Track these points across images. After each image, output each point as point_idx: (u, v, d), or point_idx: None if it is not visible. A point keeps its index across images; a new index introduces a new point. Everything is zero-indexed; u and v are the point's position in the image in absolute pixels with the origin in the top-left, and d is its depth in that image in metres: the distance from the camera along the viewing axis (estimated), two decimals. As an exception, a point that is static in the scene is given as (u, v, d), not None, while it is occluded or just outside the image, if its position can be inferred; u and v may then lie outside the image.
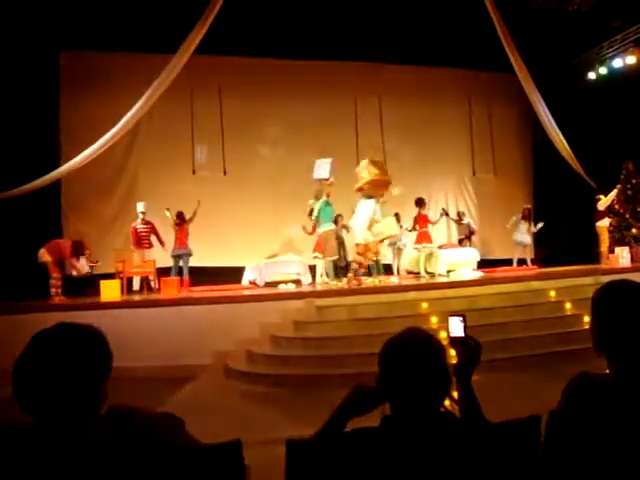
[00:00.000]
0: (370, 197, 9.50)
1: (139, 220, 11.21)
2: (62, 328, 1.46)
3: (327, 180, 10.14)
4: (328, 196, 10.36)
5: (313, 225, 10.81)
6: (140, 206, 11.20)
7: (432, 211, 14.00)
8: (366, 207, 9.50)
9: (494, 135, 14.84)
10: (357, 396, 1.66)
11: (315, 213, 10.49)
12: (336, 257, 10.58)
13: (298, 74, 12.91)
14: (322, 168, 10.18)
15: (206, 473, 1.61)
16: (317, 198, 10.48)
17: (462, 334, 1.88)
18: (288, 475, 1.68)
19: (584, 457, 1.53)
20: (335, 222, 10.85)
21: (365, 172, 9.45)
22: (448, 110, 14.43)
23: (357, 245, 9.61)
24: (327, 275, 10.67)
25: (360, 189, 9.51)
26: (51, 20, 10.23)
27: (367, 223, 9.43)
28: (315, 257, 10.90)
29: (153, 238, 11.31)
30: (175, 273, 10.94)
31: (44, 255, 9.60)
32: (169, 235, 11.31)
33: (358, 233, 9.57)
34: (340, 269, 10.83)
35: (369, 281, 10.12)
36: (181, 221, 11.04)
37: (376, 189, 9.54)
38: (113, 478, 1.34)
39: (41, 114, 10.95)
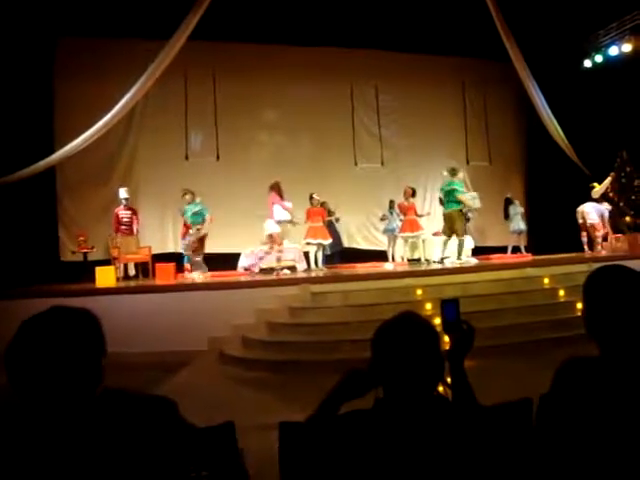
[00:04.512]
0: None
1: (122, 206, 11.16)
2: (55, 311, 1.46)
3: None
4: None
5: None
6: (122, 192, 11.15)
7: (427, 199, 14.07)
8: None
9: (489, 123, 14.83)
10: (350, 380, 1.67)
11: None
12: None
13: (294, 60, 12.82)
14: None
15: (200, 455, 1.63)
16: None
17: (455, 319, 1.89)
18: (281, 457, 1.70)
19: (574, 439, 1.55)
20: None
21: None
22: (444, 97, 14.40)
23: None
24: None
25: None
26: (47, 7, 10.13)
27: None
28: (308, 243, 10.99)
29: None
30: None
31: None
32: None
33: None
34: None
35: None
36: None
37: None
38: (107, 459, 1.36)
39: (35, 100, 10.90)
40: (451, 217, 10.20)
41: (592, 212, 11.66)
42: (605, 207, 11.94)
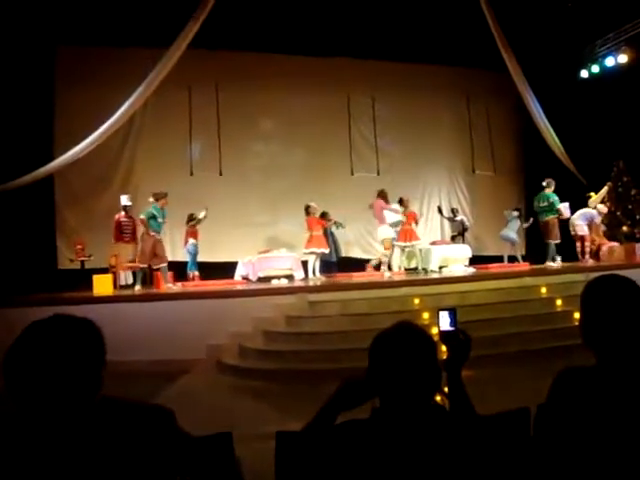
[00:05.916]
0: None
1: (122, 213, 10.91)
2: (57, 319, 1.46)
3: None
4: None
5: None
6: (124, 199, 10.97)
7: (424, 208, 14.10)
8: None
9: (490, 133, 14.86)
10: (347, 390, 1.66)
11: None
12: None
13: (293, 70, 12.81)
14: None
15: (197, 464, 1.62)
16: None
17: (452, 328, 1.88)
18: (277, 466, 1.70)
19: (572, 448, 1.55)
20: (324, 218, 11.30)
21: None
22: (441, 107, 14.44)
23: None
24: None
25: None
26: (48, 15, 10.17)
27: None
28: (312, 252, 10.95)
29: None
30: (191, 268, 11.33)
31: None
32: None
33: None
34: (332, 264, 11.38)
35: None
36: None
37: None
38: (103, 468, 1.35)
39: (36, 108, 10.91)
40: (548, 225, 11.43)
41: (582, 224, 11.72)
42: (596, 212, 11.97)
